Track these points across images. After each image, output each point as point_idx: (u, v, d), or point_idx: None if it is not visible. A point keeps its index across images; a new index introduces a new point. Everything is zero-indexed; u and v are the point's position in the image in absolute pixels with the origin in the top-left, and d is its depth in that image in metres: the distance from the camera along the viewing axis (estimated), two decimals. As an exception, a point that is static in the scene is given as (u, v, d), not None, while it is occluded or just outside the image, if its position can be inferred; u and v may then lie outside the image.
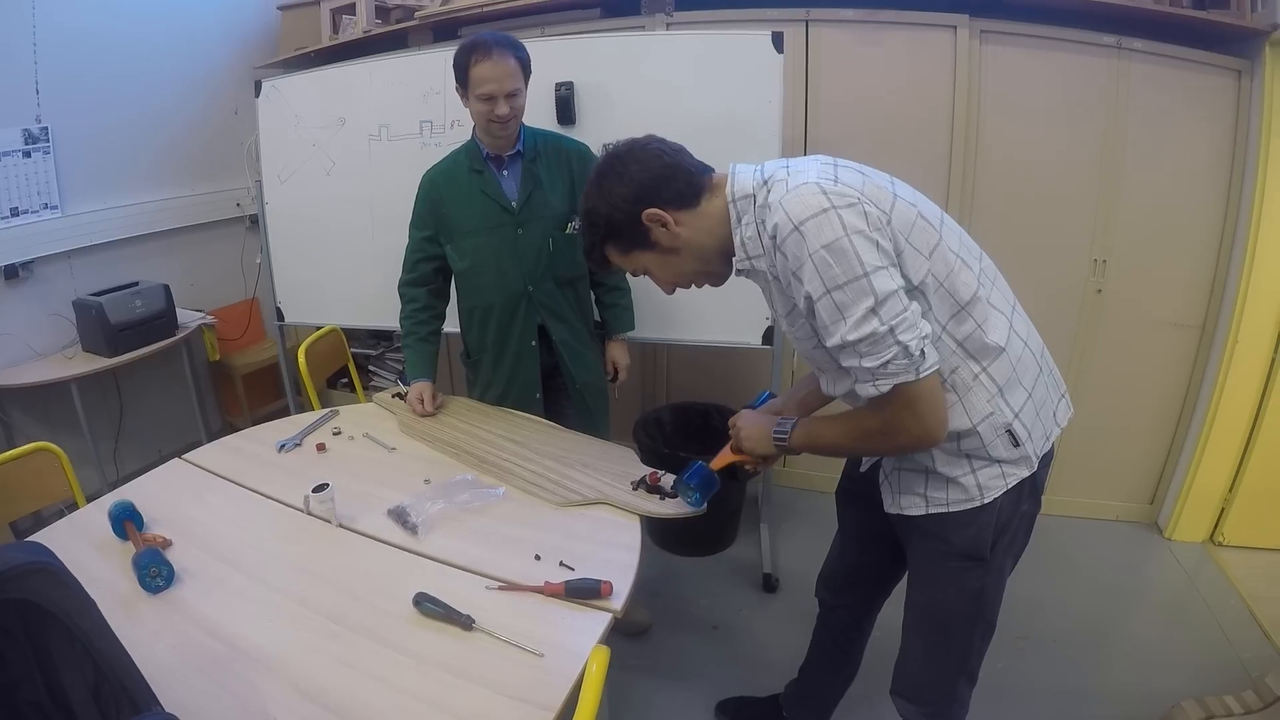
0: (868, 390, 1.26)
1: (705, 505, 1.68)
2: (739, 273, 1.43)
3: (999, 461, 1.36)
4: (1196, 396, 2.98)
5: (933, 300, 1.28)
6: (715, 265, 1.45)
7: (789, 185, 1.26)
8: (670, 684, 2.40)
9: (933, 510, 1.41)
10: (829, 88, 2.95)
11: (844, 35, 2.89)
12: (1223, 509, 3.00)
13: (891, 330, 1.19)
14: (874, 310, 1.19)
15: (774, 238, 1.26)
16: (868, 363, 1.22)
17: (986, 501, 1.37)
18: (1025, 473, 1.38)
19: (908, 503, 1.45)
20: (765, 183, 1.33)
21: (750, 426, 1.60)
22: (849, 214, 1.19)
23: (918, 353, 1.21)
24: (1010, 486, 1.37)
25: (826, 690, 2.05)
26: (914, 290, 1.26)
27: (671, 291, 1.50)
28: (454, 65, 2.08)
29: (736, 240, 1.37)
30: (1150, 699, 2.22)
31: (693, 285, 1.50)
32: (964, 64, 2.79)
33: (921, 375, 1.22)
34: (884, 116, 2.94)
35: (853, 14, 2.85)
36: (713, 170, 1.45)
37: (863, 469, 1.64)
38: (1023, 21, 2.75)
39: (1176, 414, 3.04)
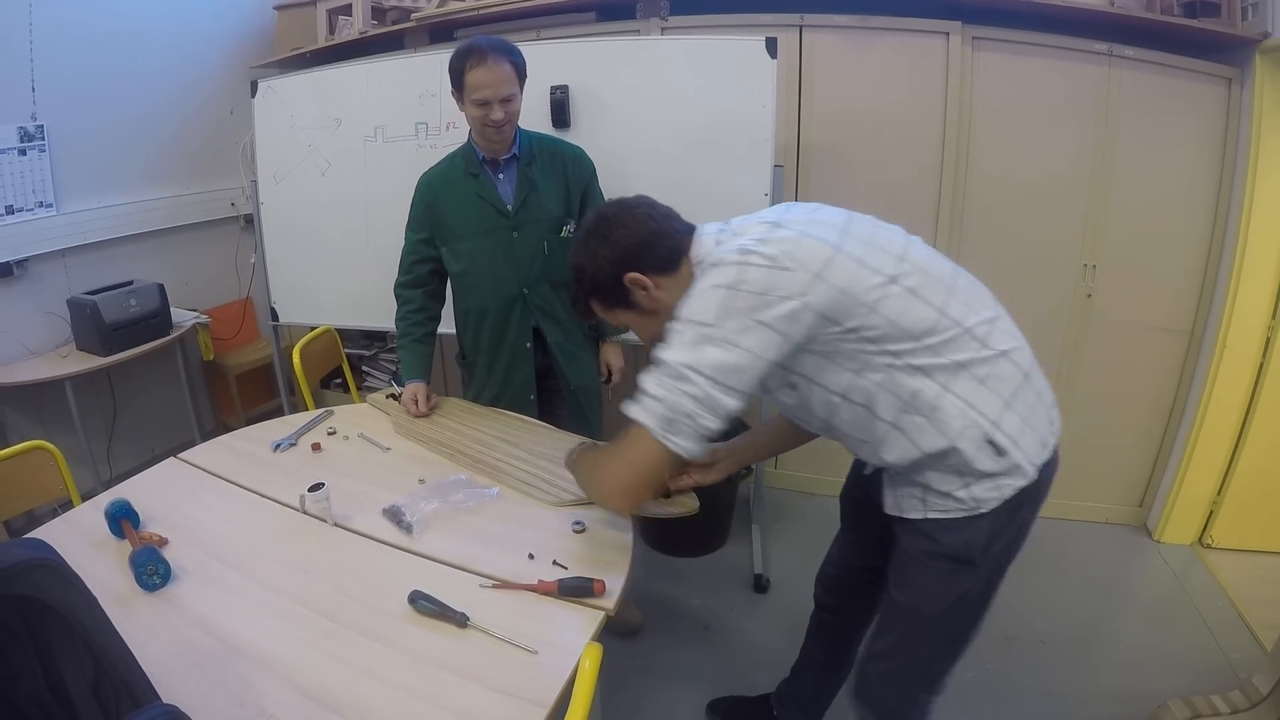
0: (628, 406, 1.36)
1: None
2: None
3: (991, 475, 1.35)
4: (1185, 400, 3.00)
5: (880, 339, 1.31)
6: None
7: (724, 249, 1.36)
8: (661, 683, 2.41)
9: (930, 515, 1.42)
10: (822, 93, 2.97)
11: (837, 41, 2.90)
12: (1211, 511, 3.02)
13: (685, 378, 1.29)
14: (694, 348, 1.29)
15: None
16: (649, 384, 1.33)
17: (983, 511, 1.37)
18: (1021, 482, 1.36)
19: (907, 505, 1.46)
20: (716, 245, 1.42)
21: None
22: (748, 271, 1.28)
23: (676, 418, 1.30)
24: (1008, 497, 1.36)
25: (819, 690, 2.07)
26: (849, 335, 1.31)
27: (652, 345, 1.51)
28: (449, 70, 2.09)
29: None
30: (1138, 700, 2.24)
31: None
32: (956, 70, 2.81)
33: (657, 437, 1.32)
34: (877, 122, 2.96)
35: (846, 20, 2.87)
36: (695, 229, 1.50)
37: (866, 471, 1.65)
38: (1014, 28, 2.77)
39: (1165, 418, 3.07)
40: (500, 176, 2.24)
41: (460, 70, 2.06)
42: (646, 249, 1.44)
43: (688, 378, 1.28)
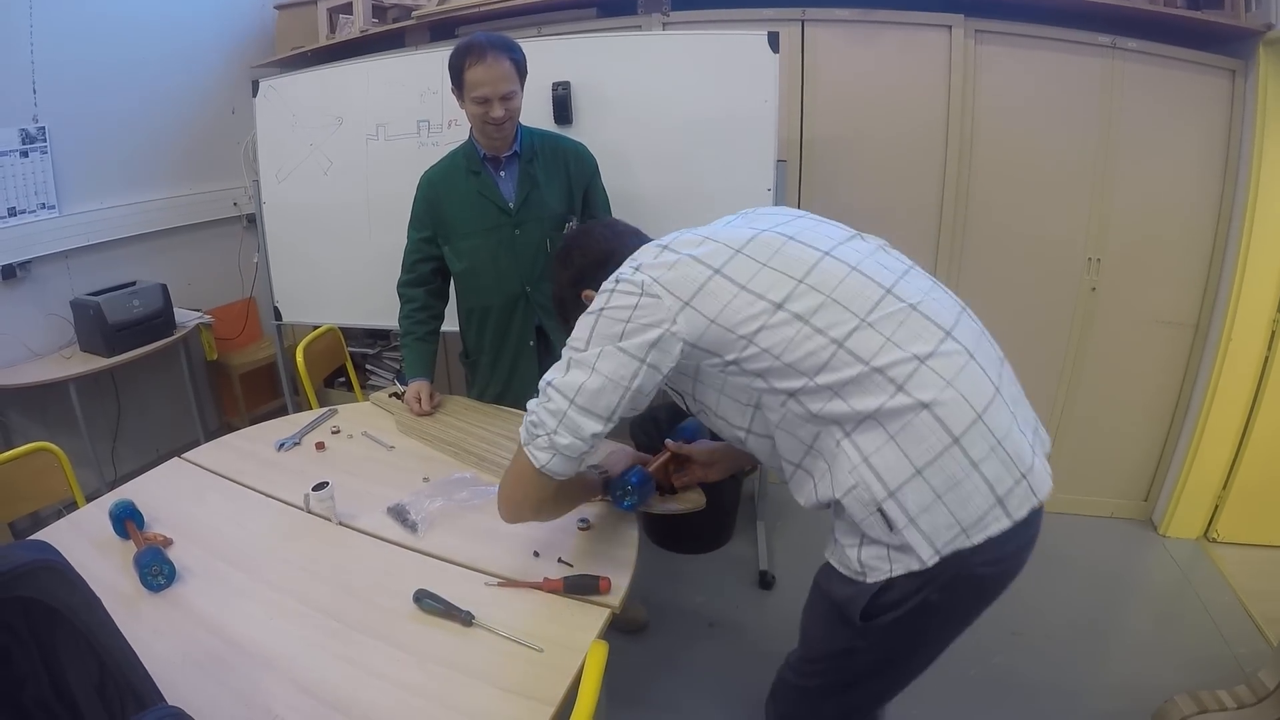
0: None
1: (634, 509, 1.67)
2: None
3: (880, 543, 1.19)
4: (1190, 394, 2.99)
5: (764, 373, 1.24)
6: None
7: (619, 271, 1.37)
8: (667, 680, 2.41)
9: (830, 559, 1.30)
10: (825, 88, 2.96)
11: (839, 35, 2.90)
12: (1216, 506, 3.01)
13: (547, 396, 1.32)
14: (565, 370, 1.31)
15: None
16: (529, 404, 1.36)
17: (868, 581, 1.21)
18: (913, 565, 1.16)
19: (827, 538, 1.33)
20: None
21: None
22: (615, 298, 1.29)
23: (534, 433, 1.32)
24: (895, 575, 1.18)
25: None
26: (732, 367, 1.27)
27: None
28: (449, 67, 2.08)
29: None
30: (1144, 694, 2.23)
31: None
32: (959, 63, 2.80)
33: (524, 448, 1.35)
34: (880, 116, 2.95)
35: (848, 14, 2.86)
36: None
37: None
38: (1017, 21, 2.76)
39: (1171, 411, 3.06)
40: (502, 174, 2.23)
41: (460, 68, 2.05)
42: (598, 267, 1.46)
43: (549, 396, 1.31)
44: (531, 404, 1.35)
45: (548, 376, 1.33)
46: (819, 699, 1.45)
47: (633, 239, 1.51)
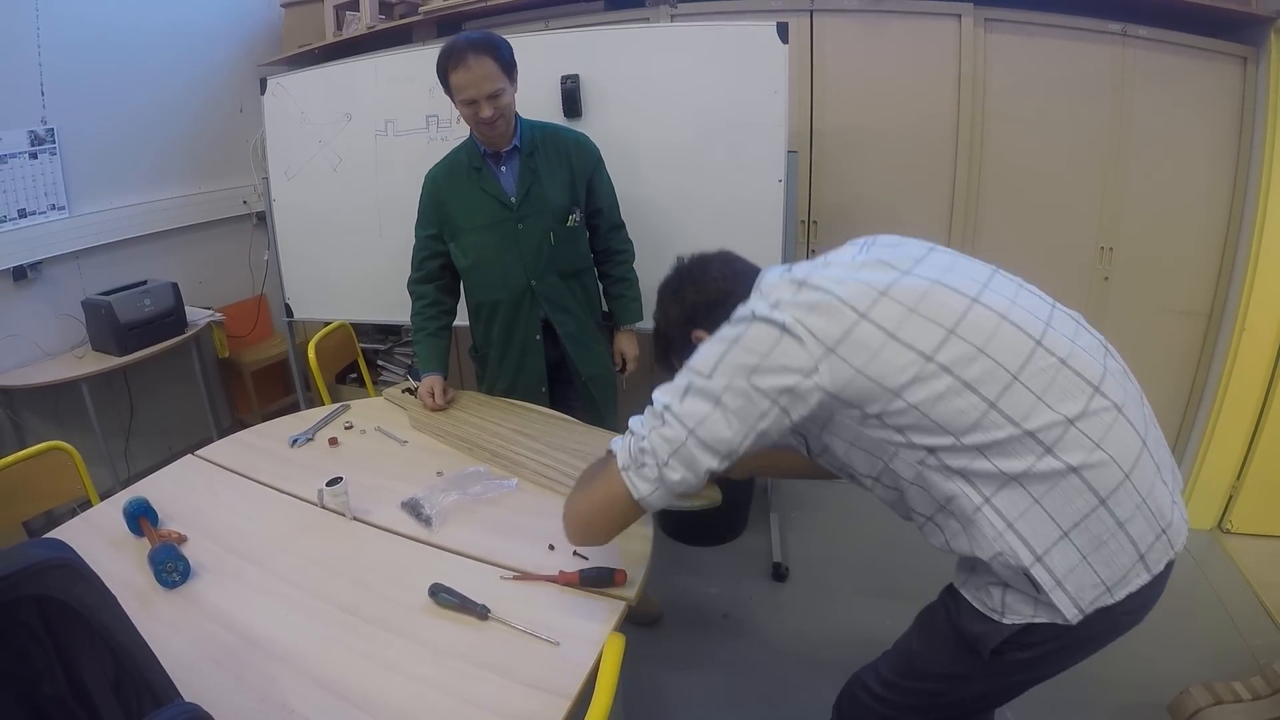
0: (614, 438, 1.29)
1: None
2: None
3: (1026, 594, 1.17)
4: (1204, 384, 2.97)
5: (907, 429, 1.15)
6: None
7: (752, 303, 1.22)
8: (681, 672, 2.41)
9: (965, 592, 1.28)
10: (835, 78, 2.95)
11: (848, 24, 2.89)
12: (1230, 496, 2.99)
13: (664, 421, 1.19)
14: (683, 395, 1.18)
15: None
16: (634, 421, 1.26)
17: (1005, 622, 1.20)
18: (1059, 620, 1.15)
19: (956, 569, 1.33)
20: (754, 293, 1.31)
21: None
22: (753, 330, 1.16)
23: (643, 460, 1.21)
24: (1038, 623, 1.17)
25: None
26: (871, 420, 1.16)
27: None
28: (436, 72, 2.08)
29: None
30: (1159, 686, 2.22)
31: None
32: (969, 52, 2.79)
33: (625, 476, 1.22)
34: (890, 106, 2.94)
35: (857, 3, 2.85)
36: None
37: None
38: (1026, 9, 2.75)
39: (1184, 402, 3.04)
40: (503, 169, 2.23)
41: (444, 72, 2.05)
42: (714, 307, 1.37)
43: (667, 421, 1.19)
44: (637, 424, 1.25)
45: (662, 399, 1.21)
46: (904, 713, 1.44)
47: (749, 278, 1.38)
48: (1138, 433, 1.17)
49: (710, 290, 1.41)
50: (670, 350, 1.48)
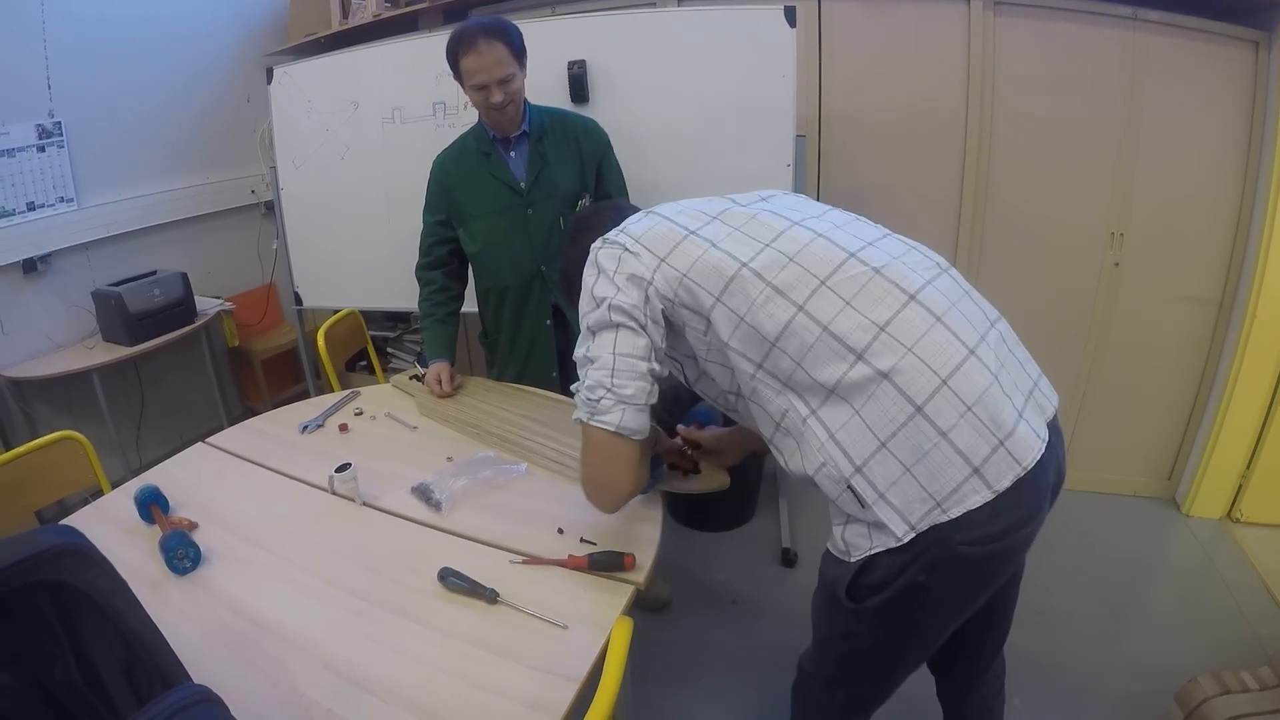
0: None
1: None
2: None
3: (861, 521, 1.17)
4: (1215, 371, 2.95)
5: (734, 338, 1.25)
6: None
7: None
8: (689, 657, 2.42)
9: (827, 545, 1.31)
10: (842, 63, 2.94)
11: (856, 8, 2.87)
12: (1240, 485, 2.97)
13: (590, 363, 1.31)
14: (591, 338, 1.32)
15: None
16: (574, 386, 1.36)
17: (853, 560, 1.20)
18: (890, 542, 1.14)
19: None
20: None
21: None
22: (600, 255, 1.35)
23: (595, 397, 1.29)
24: (875, 552, 1.16)
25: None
26: (699, 334, 1.30)
27: None
28: (446, 57, 2.07)
29: None
30: (1166, 675, 2.21)
31: None
32: (978, 36, 2.76)
33: (591, 422, 1.30)
34: (899, 90, 2.92)
35: (865, -13, 2.84)
36: None
37: None
38: (1036, -8, 2.72)
39: (1195, 389, 3.01)
40: (512, 154, 2.23)
41: (454, 58, 2.04)
42: None
43: (591, 361, 1.31)
44: (576, 385, 1.35)
45: (579, 351, 1.35)
46: (831, 687, 1.47)
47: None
48: (962, 342, 1.15)
49: (602, 232, 1.48)
50: (572, 290, 1.52)
